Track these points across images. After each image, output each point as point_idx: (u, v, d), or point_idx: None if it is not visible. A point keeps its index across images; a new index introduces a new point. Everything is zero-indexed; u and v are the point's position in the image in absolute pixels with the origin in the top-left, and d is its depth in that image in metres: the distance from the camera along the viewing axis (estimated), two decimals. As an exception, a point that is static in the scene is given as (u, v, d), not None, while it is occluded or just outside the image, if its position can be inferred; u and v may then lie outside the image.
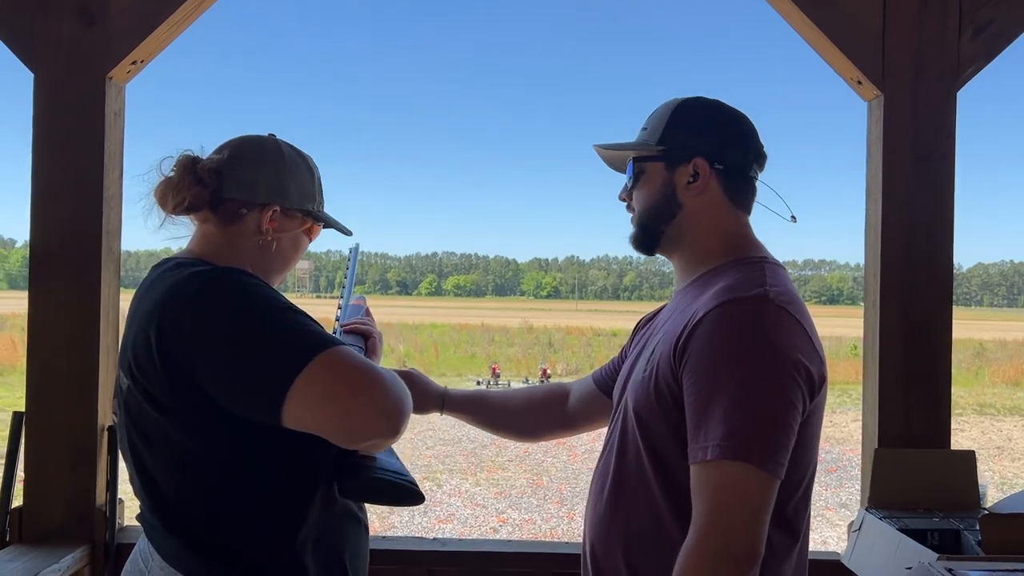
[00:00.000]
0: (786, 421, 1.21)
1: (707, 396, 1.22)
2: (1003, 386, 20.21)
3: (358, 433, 1.20)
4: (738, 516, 1.17)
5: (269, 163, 1.45)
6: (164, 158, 1.44)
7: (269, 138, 1.50)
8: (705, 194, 1.43)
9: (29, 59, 2.10)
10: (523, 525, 8.18)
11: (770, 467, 1.18)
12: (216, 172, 1.42)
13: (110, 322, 2.14)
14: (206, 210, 1.42)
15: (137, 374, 1.27)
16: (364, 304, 1.81)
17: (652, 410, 1.33)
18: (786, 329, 1.25)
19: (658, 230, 1.46)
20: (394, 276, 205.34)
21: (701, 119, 1.45)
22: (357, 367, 1.19)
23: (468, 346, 27.29)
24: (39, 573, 1.86)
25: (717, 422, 1.19)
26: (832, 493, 9.64)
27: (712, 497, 1.18)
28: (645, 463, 1.35)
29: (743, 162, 1.45)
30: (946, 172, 2.07)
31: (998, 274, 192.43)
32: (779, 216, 1.51)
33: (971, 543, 1.82)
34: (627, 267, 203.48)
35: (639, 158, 1.47)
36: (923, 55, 2.08)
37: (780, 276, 1.36)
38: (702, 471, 1.20)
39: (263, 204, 1.44)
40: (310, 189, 1.51)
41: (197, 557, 1.29)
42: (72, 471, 2.07)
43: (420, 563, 2.10)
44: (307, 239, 1.55)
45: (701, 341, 1.25)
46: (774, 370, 1.21)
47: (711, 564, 1.16)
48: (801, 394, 1.23)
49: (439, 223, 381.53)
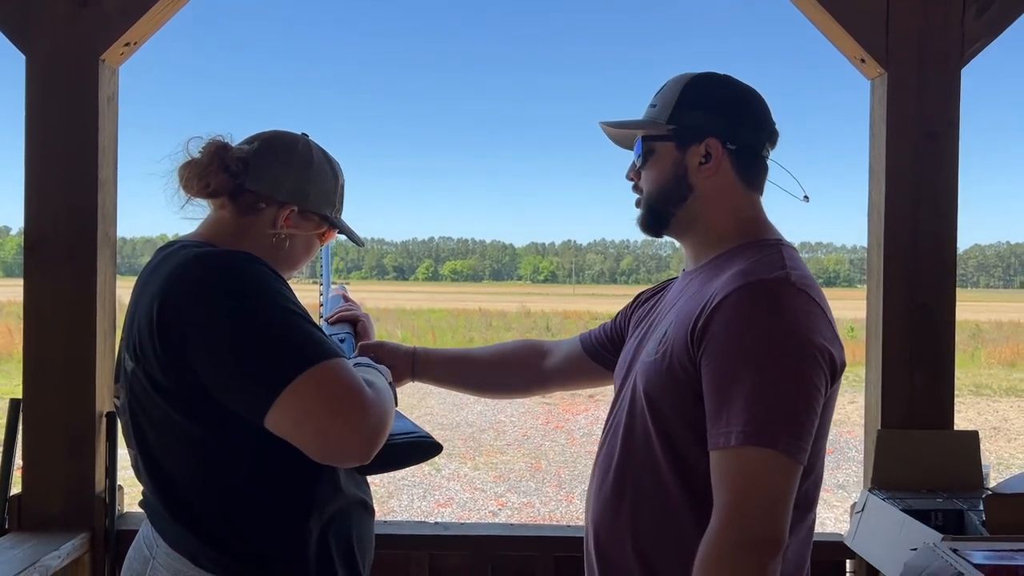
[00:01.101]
0: (810, 405, 1.19)
1: (729, 380, 1.19)
2: (999, 367, 20.25)
3: (332, 454, 1.20)
4: (762, 503, 1.15)
5: (297, 164, 1.44)
6: (192, 138, 1.42)
7: (302, 138, 1.50)
8: (717, 175, 1.39)
9: (22, 42, 2.07)
10: (522, 508, 8.20)
11: (794, 452, 1.15)
12: (244, 162, 1.41)
13: (107, 308, 2.12)
14: (224, 197, 1.41)
15: (140, 356, 1.26)
16: (343, 291, 1.81)
17: (665, 394, 1.30)
18: (808, 313, 1.22)
19: (668, 212, 1.43)
20: (391, 261, 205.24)
21: (713, 97, 1.41)
22: (346, 387, 1.18)
23: (466, 331, 27.29)
24: (39, 560, 1.85)
25: (740, 408, 1.16)
26: (830, 474, 9.67)
27: (735, 484, 1.16)
28: (656, 447, 1.32)
29: (756, 141, 1.41)
30: (950, 151, 2.06)
31: (994, 255, 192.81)
32: (791, 195, 1.48)
33: (975, 523, 1.82)
34: (624, 251, 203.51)
35: (648, 137, 1.43)
36: (927, 33, 2.06)
37: (797, 260, 1.34)
38: (724, 457, 1.17)
39: (282, 202, 1.43)
40: (331, 195, 1.51)
41: (204, 544, 1.28)
42: (71, 458, 2.06)
43: (422, 548, 2.09)
44: (319, 243, 1.54)
45: (721, 324, 1.22)
46: (797, 354, 1.19)
47: (735, 552, 1.14)
48: (824, 377, 1.21)
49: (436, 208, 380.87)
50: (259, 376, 1.18)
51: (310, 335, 1.22)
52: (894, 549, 1.77)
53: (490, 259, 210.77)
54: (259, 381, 1.18)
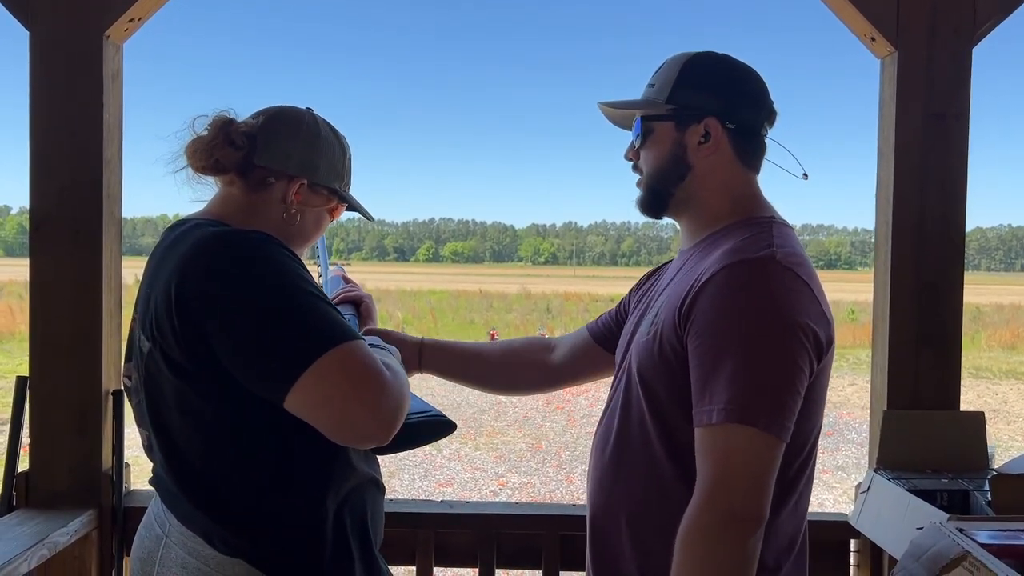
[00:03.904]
0: (792, 384, 1.20)
1: (712, 359, 1.20)
2: (999, 350, 20.28)
3: (351, 436, 1.20)
4: (743, 480, 1.16)
5: (304, 137, 1.44)
6: (197, 116, 1.42)
7: (307, 112, 1.49)
8: (716, 155, 1.40)
9: (25, 18, 2.05)
10: (522, 488, 8.24)
11: (775, 430, 1.17)
12: (250, 136, 1.40)
13: (112, 286, 2.11)
14: (233, 173, 1.41)
15: (157, 336, 1.25)
16: (341, 272, 1.80)
17: (657, 373, 1.32)
18: (793, 291, 1.23)
19: (668, 192, 1.43)
20: (391, 243, 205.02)
21: (711, 76, 1.42)
22: (366, 370, 1.18)
23: (466, 312, 27.30)
24: (48, 536, 1.86)
25: (722, 386, 1.18)
26: (829, 456, 9.71)
27: (717, 461, 1.18)
28: (648, 426, 1.34)
29: (755, 120, 1.42)
30: (960, 131, 2.04)
31: (995, 238, 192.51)
32: (790, 174, 1.48)
33: (980, 503, 1.82)
34: (625, 233, 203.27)
35: (647, 117, 1.43)
36: (938, 11, 2.03)
37: (788, 236, 1.34)
38: (707, 434, 1.19)
39: (292, 176, 1.42)
40: (340, 168, 1.50)
41: (218, 523, 1.27)
42: (77, 435, 2.06)
43: (427, 526, 2.10)
44: (329, 218, 1.53)
45: (706, 303, 1.24)
46: (780, 333, 1.20)
47: (715, 527, 1.16)
48: (808, 357, 1.22)
49: (436, 189, 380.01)
50: (279, 358, 1.17)
51: (329, 316, 1.22)
52: (899, 529, 1.78)
53: (491, 240, 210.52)
54: (279, 363, 1.17)
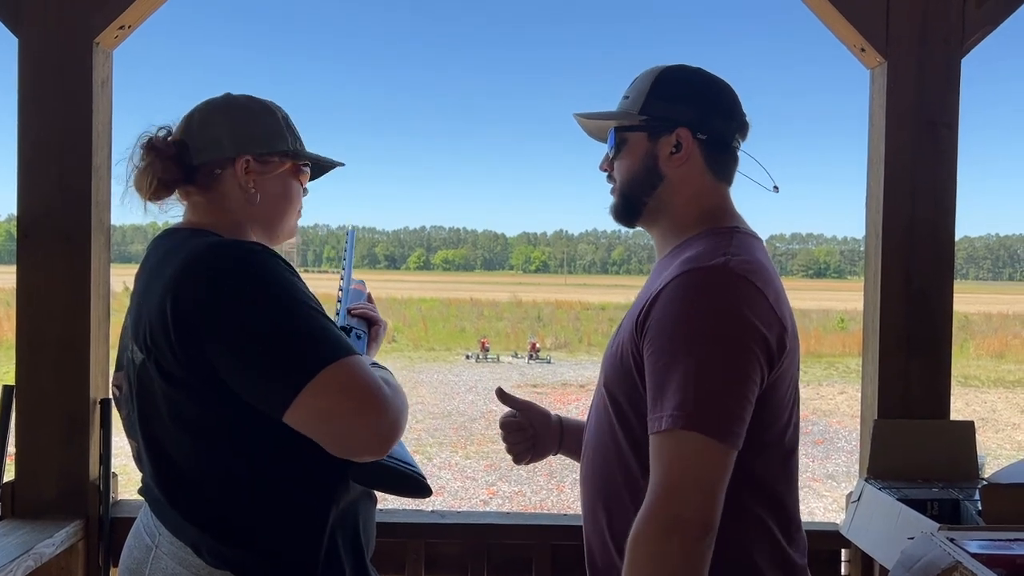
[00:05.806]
0: (739, 390, 1.20)
1: (663, 367, 1.21)
2: (987, 358, 20.40)
3: (351, 451, 1.20)
4: (690, 486, 1.16)
5: (225, 116, 1.42)
6: (131, 152, 1.41)
7: (220, 96, 1.47)
8: (687, 165, 1.41)
9: (14, 24, 2.04)
10: (513, 497, 8.22)
11: (723, 437, 1.17)
12: (176, 143, 1.39)
13: (101, 294, 2.10)
14: (183, 184, 1.40)
15: (152, 347, 1.23)
16: (365, 290, 1.79)
17: (620, 384, 1.34)
18: (743, 297, 1.23)
19: (639, 201, 1.45)
20: (382, 250, 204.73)
21: (684, 88, 1.43)
22: (365, 385, 1.18)
23: (457, 320, 27.29)
24: (33, 547, 1.83)
25: (671, 393, 1.18)
26: (819, 464, 9.73)
27: (665, 467, 1.18)
28: (620, 438, 1.35)
29: (726, 132, 1.43)
30: (949, 140, 2.05)
31: (983, 247, 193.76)
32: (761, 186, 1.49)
33: (970, 513, 1.83)
34: (615, 241, 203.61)
35: (621, 128, 1.45)
36: (928, 22, 2.05)
37: (747, 245, 1.34)
38: (657, 441, 1.20)
39: (232, 158, 1.40)
40: (277, 129, 1.45)
41: (212, 535, 1.26)
42: (64, 445, 2.04)
43: (419, 536, 2.08)
44: (296, 182, 1.49)
45: (659, 312, 1.25)
46: (728, 339, 1.20)
47: (661, 534, 1.15)
48: (757, 363, 1.22)
49: (427, 197, 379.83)
50: (279, 373, 1.17)
51: (328, 331, 1.21)
52: (890, 538, 1.78)
53: (482, 249, 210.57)
54: (279, 378, 1.17)
